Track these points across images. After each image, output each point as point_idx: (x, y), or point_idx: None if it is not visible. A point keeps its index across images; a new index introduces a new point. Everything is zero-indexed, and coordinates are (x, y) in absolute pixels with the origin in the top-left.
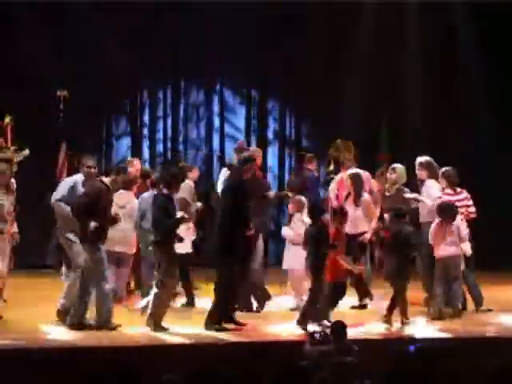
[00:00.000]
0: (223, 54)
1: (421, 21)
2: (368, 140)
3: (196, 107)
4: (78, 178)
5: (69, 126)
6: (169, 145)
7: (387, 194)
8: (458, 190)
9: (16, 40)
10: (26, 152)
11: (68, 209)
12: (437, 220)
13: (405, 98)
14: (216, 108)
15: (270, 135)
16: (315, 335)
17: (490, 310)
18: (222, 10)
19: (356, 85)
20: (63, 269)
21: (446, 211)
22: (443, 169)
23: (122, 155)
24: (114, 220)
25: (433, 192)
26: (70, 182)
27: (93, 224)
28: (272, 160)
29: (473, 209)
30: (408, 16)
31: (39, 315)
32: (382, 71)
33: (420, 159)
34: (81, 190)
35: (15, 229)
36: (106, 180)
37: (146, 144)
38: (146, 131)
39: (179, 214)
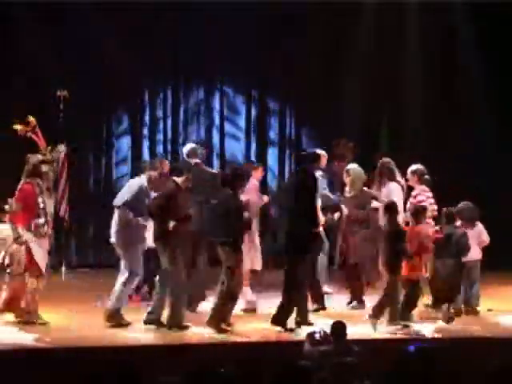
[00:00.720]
0: (223, 53)
1: (421, 21)
2: (368, 140)
3: (196, 107)
4: (143, 180)
5: (69, 126)
6: (169, 144)
7: (347, 195)
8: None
9: (16, 40)
10: (62, 148)
11: (131, 214)
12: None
13: (405, 98)
14: (216, 108)
15: (270, 135)
16: (315, 335)
17: (490, 310)
18: (222, 10)
19: (356, 85)
20: (63, 269)
21: (466, 214)
22: (414, 167)
23: (123, 155)
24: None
25: (393, 196)
26: (136, 186)
27: (171, 224)
28: (272, 160)
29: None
30: (408, 16)
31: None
32: (381, 71)
33: (381, 160)
34: (148, 191)
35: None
36: (179, 180)
37: (146, 144)
38: (146, 131)
39: (245, 215)
